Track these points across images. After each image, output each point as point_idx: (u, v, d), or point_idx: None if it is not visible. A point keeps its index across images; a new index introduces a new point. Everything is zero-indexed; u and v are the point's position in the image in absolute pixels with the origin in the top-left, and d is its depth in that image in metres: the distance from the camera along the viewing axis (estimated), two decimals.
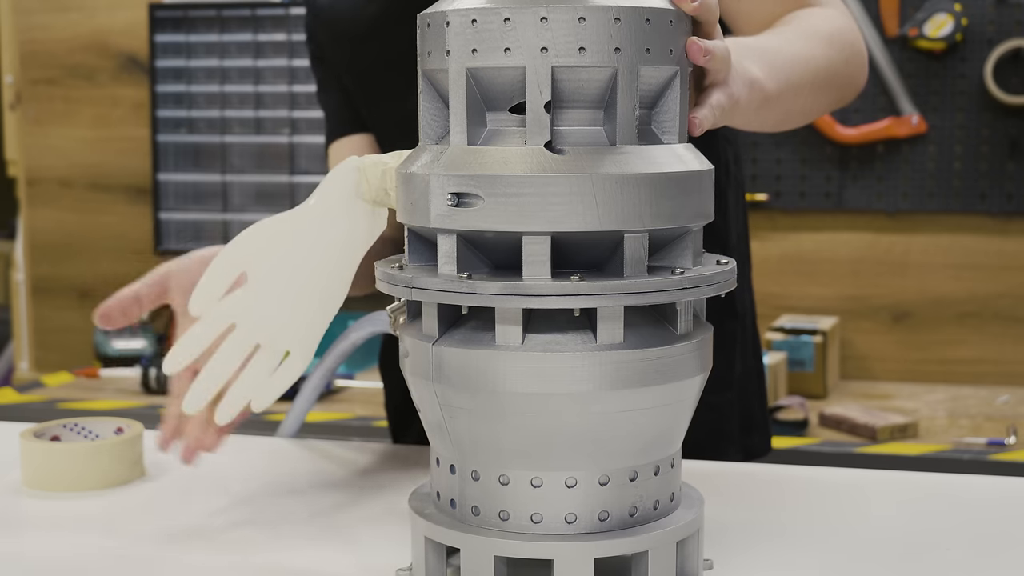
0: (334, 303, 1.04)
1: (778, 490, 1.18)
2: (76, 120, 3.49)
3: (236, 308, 1.02)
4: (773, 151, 3.01)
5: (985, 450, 2.37)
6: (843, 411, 2.56)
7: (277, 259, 1.02)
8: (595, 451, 0.86)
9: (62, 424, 1.26)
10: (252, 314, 1.02)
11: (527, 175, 0.82)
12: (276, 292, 1.02)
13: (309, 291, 1.03)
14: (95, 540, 1.07)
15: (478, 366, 0.85)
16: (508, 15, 0.82)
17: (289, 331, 1.03)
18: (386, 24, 1.38)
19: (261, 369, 1.03)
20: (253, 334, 1.02)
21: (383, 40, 1.39)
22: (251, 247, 1.03)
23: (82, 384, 2.96)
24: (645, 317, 0.87)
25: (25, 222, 3.56)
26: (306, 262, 1.02)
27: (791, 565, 0.99)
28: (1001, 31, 2.87)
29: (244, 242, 1.03)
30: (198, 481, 1.23)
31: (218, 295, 1.02)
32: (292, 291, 1.02)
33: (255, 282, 1.02)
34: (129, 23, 3.42)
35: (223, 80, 3.33)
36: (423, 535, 0.90)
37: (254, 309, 1.02)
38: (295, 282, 1.02)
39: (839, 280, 3.04)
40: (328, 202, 1.02)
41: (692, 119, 0.93)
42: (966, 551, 1.02)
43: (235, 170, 3.35)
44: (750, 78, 1.06)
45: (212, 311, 1.02)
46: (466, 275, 0.84)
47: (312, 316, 1.03)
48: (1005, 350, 2.97)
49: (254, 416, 1.09)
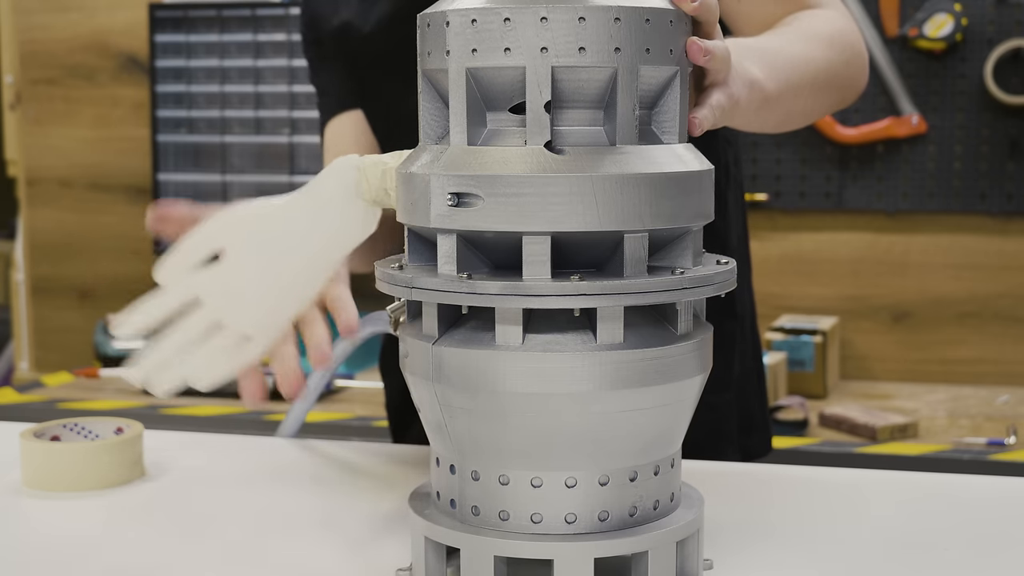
0: (305, 297, 1.03)
1: (778, 490, 1.18)
2: (76, 120, 3.49)
3: (206, 284, 1.00)
4: (773, 151, 3.01)
5: (985, 450, 2.37)
6: (843, 411, 2.56)
7: (257, 243, 1.01)
8: (595, 451, 0.86)
9: (62, 424, 1.26)
10: (220, 293, 1.00)
11: (527, 175, 0.82)
12: (249, 275, 1.01)
13: (283, 281, 1.02)
14: (95, 540, 1.07)
15: (478, 366, 0.85)
16: (508, 15, 0.82)
17: (254, 316, 1.02)
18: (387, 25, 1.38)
19: (216, 347, 1.01)
20: (217, 312, 1.01)
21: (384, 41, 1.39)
22: (233, 226, 1.01)
23: (82, 384, 2.96)
24: (645, 317, 0.87)
25: (25, 222, 3.56)
26: (286, 252, 1.01)
27: (791, 565, 0.99)
28: (1001, 31, 2.87)
29: (227, 220, 1.01)
30: (198, 481, 1.23)
31: (188, 267, 1.00)
32: (266, 278, 1.01)
33: (230, 262, 1.01)
34: (129, 23, 3.42)
35: (223, 80, 3.33)
36: (423, 535, 0.90)
37: (223, 288, 1.01)
38: (270, 269, 1.01)
39: (839, 280, 3.04)
40: (321, 198, 1.01)
41: (692, 119, 0.93)
42: (966, 551, 1.02)
43: (235, 170, 3.35)
44: (750, 79, 1.06)
45: (181, 283, 1.00)
46: (466, 275, 0.84)
47: (280, 306, 1.02)
48: (1005, 350, 2.97)
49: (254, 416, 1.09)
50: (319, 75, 1.49)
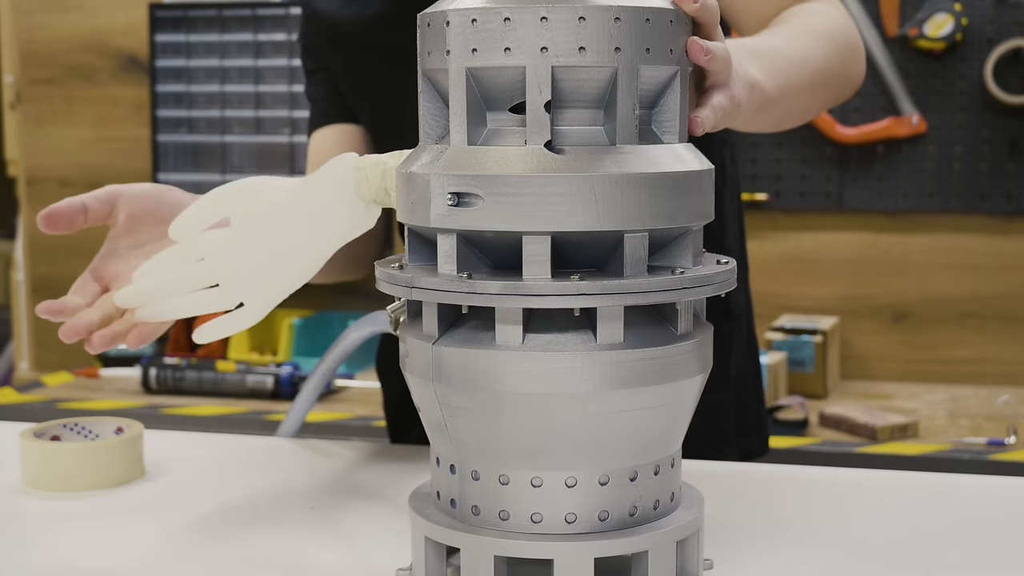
0: (301, 277, 1.06)
1: (778, 490, 1.18)
2: (76, 120, 3.49)
3: (210, 245, 1.06)
4: (773, 151, 3.00)
5: (985, 450, 2.37)
6: (843, 411, 2.56)
7: (262, 216, 1.05)
8: (595, 451, 0.86)
9: (62, 424, 1.26)
10: (222, 256, 1.05)
11: (527, 175, 0.82)
12: (251, 246, 1.05)
13: (282, 257, 1.05)
14: (95, 540, 1.07)
15: (478, 366, 0.85)
16: (508, 15, 0.82)
17: (250, 285, 1.06)
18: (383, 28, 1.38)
19: (207, 301, 1.06)
20: (215, 275, 1.06)
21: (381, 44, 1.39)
22: (246, 196, 1.05)
23: (82, 384, 2.95)
24: (645, 317, 0.87)
25: (25, 222, 3.56)
26: (288, 230, 1.05)
27: (791, 565, 0.99)
28: (1001, 31, 2.87)
29: (237, 189, 1.06)
30: (198, 481, 1.23)
31: (199, 228, 1.06)
32: (266, 250, 1.05)
33: (235, 229, 1.05)
34: (129, 23, 3.42)
35: (223, 80, 3.33)
36: (423, 535, 0.90)
37: (226, 252, 1.05)
38: (272, 243, 1.05)
39: (839, 280, 3.04)
40: (321, 195, 1.04)
41: (693, 119, 0.93)
42: (965, 551, 1.02)
43: (235, 170, 3.35)
44: (750, 80, 1.06)
45: (188, 241, 1.06)
46: (466, 275, 0.84)
47: (276, 280, 1.06)
48: (1005, 350, 2.97)
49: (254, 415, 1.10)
50: (311, 84, 1.51)
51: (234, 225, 1.05)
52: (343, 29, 1.42)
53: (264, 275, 1.06)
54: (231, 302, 1.06)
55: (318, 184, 1.03)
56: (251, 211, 1.05)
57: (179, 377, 2.78)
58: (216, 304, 1.06)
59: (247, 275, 1.05)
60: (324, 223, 1.04)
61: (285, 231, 1.05)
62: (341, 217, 1.03)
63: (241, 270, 1.05)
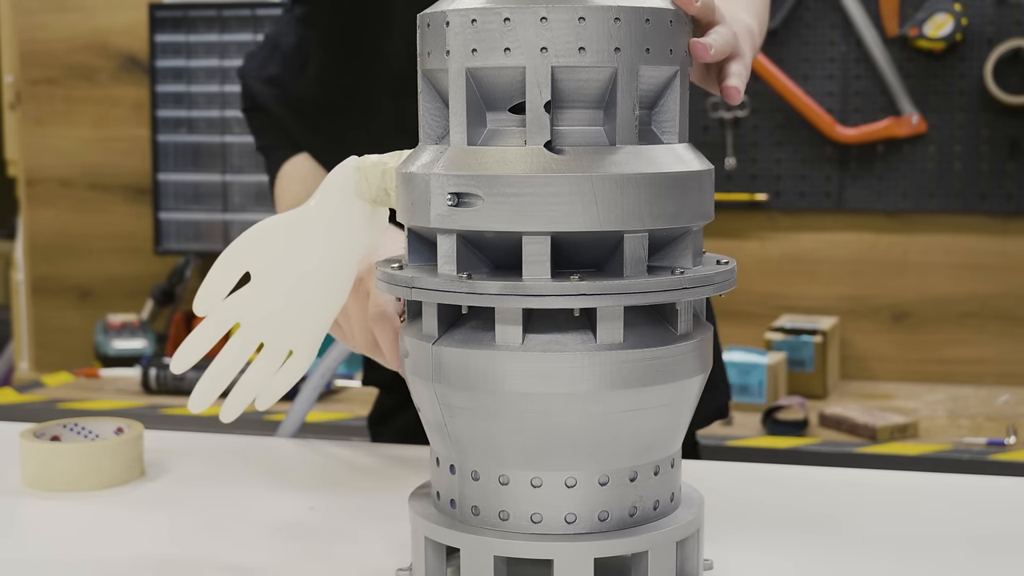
0: (336, 302, 1.04)
1: (778, 490, 1.18)
2: (76, 120, 3.49)
3: (241, 307, 1.03)
4: (773, 151, 3.01)
5: (985, 450, 2.37)
6: (843, 411, 2.56)
7: (280, 258, 1.03)
8: (595, 451, 0.86)
9: (62, 424, 1.26)
10: (256, 313, 1.03)
11: (527, 175, 0.82)
12: (280, 291, 1.03)
13: (312, 290, 1.03)
14: (95, 540, 1.07)
15: (478, 366, 0.85)
16: (508, 15, 0.82)
17: (293, 330, 1.04)
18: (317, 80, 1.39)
19: (265, 367, 1.04)
20: (257, 332, 1.03)
21: (317, 94, 1.40)
22: (254, 246, 1.03)
23: (82, 384, 2.96)
24: (645, 317, 0.87)
25: (25, 222, 3.56)
26: (309, 262, 1.03)
27: (791, 565, 0.99)
28: (1001, 31, 2.87)
29: (247, 241, 1.03)
30: (198, 481, 1.23)
31: (223, 294, 1.02)
32: (295, 290, 1.03)
33: (259, 281, 1.03)
34: (129, 23, 3.42)
35: (223, 80, 3.33)
36: (423, 535, 0.90)
37: (258, 308, 1.03)
38: (298, 281, 1.03)
39: (839, 280, 3.04)
40: (330, 203, 1.02)
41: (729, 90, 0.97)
42: (965, 551, 1.02)
43: (235, 170, 3.35)
44: (747, 28, 1.09)
45: (217, 310, 1.02)
46: (466, 275, 0.84)
47: (315, 315, 1.04)
48: (1005, 350, 2.97)
49: (254, 415, 1.10)
50: (262, 140, 1.48)
51: (255, 276, 1.03)
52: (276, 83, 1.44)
53: (297, 310, 1.03)
54: (281, 355, 1.04)
55: (324, 197, 1.03)
56: (265, 253, 1.03)
57: (179, 377, 2.78)
58: (270, 366, 1.04)
59: (283, 319, 1.03)
60: (340, 235, 1.02)
61: (304, 257, 1.03)
62: (355, 224, 1.02)
63: (275, 317, 1.03)
